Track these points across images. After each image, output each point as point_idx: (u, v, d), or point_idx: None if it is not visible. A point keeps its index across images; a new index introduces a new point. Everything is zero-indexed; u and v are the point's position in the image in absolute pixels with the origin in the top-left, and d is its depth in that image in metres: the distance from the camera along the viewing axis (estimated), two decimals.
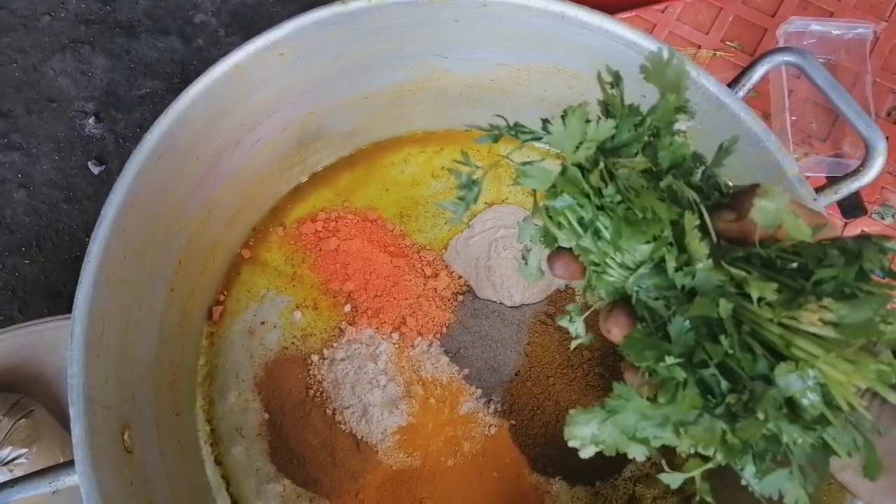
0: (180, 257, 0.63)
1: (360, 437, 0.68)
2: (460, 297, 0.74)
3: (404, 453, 0.68)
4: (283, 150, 0.69)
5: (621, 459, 0.69)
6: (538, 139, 0.35)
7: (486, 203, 0.77)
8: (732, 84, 0.54)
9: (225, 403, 0.71)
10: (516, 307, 0.73)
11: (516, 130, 0.36)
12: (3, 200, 1.04)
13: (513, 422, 0.70)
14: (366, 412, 0.68)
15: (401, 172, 0.77)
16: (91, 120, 1.06)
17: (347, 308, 0.73)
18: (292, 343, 0.72)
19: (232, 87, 0.56)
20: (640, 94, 0.61)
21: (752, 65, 0.54)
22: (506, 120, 0.38)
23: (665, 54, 0.38)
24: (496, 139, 0.37)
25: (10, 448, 0.65)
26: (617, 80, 0.35)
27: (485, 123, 0.77)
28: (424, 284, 0.73)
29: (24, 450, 0.66)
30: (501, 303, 0.73)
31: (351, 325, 0.72)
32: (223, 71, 0.55)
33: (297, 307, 0.73)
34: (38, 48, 1.09)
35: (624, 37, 0.56)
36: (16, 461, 0.65)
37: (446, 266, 0.74)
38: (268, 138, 0.66)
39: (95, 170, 1.04)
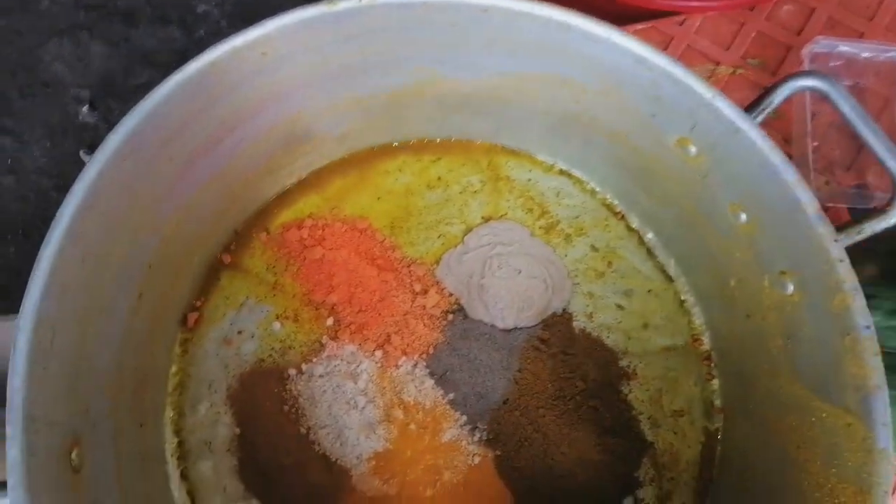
0: (150, 261, 0.59)
1: (333, 459, 0.64)
2: (450, 317, 0.69)
3: (380, 480, 0.64)
4: (269, 152, 0.66)
5: (612, 497, 0.65)
6: None
7: (482, 218, 0.73)
8: (751, 108, 0.50)
9: (195, 415, 0.67)
10: (509, 330, 0.69)
11: None
12: None
13: (498, 452, 0.65)
14: (341, 434, 0.64)
15: (395, 181, 0.73)
16: (85, 108, 1.03)
17: (330, 321, 0.69)
18: (269, 355, 0.68)
19: (209, 86, 0.53)
20: (651, 112, 0.57)
21: (772, 88, 0.49)
22: None
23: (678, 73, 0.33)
24: None
25: None
26: None
27: (485, 133, 0.73)
28: (413, 301, 0.69)
29: None
30: (493, 325, 0.69)
31: (332, 339, 0.68)
32: (198, 69, 0.51)
33: (277, 317, 0.69)
34: (35, 31, 1.06)
35: (633, 52, 0.51)
36: None
37: (437, 282, 0.70)
38: (252, 138, 0.62)
39: (87, 158, 1.00)
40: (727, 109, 0.49)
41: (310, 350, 0.68)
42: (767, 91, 0.49)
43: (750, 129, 0.48)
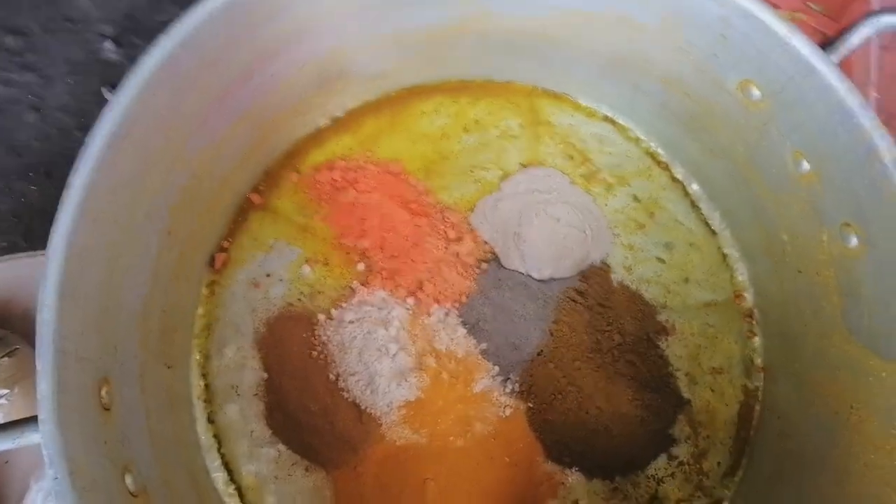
0: (181, 197, 0.57)
1: (363, 407, 0.63)
2: (484, 265, 0.67)
3: (410, 429, 0.63)
4: (301, 90, 0.63)
5: (646, 454, 0.63)
6: None
7: (520, 164, 0.70)
8: (826, 48, 0.46)
9: (222, 359, 0.65)
10: (545, 281, 0.67)
11: None
12: (14, 123, 0.99)
13: (530, 404, 0.64)
14: (372, 381, 0.63)
15: (430, 123, 0.71)
16: (109, 44, 1.00)
17: (361, 266, 0.67)
18: (298, 300, 0.67)
19: (246, 11, 0.50)
20: (713, 52, 0.54)
21: (851, 27, 0.46)
22: None
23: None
24: None
25: None
26: None
27: (527, 75, 0.70)
28: (446, 248, 0.67)
29: (5, 391, 0.61)
30: (529, 275, 0.67)
31: (363, 285, 0.66)
32: None
33: (307, 261, 0.67)
34: None
35: None
36: None
37: (471, 230, 0.68)
38: (284, 74, 0.59)
39: (109, 96, 0.98)
40: (804, 48, 0.45)
41: (339, 295, 0.67)
42: (846, 30, 0.46)
43: (827, 70, 0.45)
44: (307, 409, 0.64)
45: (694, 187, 0.69)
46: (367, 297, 0.66)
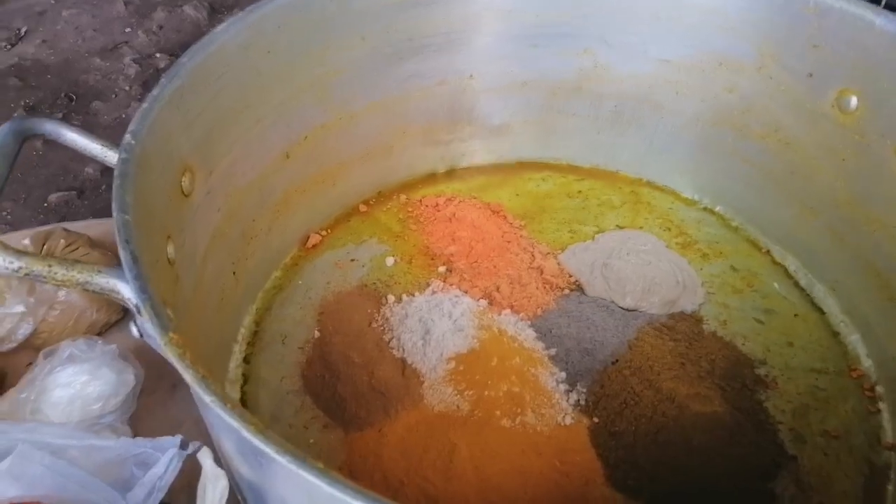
0: (308, 134, 0.64)
1: (409, 361, 0.56)
2: (566, 291, 0.64)
3: (454, 389, 0.54)
4: (434, 111, 0.72)
5: (739, 492, 0.49)
6: None
7: (617, 226, 0.71)
8: None
9: (282, 310, 0.63)
10: (629, 310, 0.62)
11: None
12: None
13: (596, 419, 0.54)
14: (427, 334, 0.57)
15: (536, 186, 0.76)
16: None
17: (443, 269, 0.66)
18: (374, 283, 0.66)
19: None
20: (808, 72, 0.59)
21: None
22: None
23: None
24: None
25: None
26: None
27: (632, 161, 0.76)
28: (531, 262, 0.66)
29: None
30: (613, 301, 0.63)
31: (441, 281, 0.65)
32: None
33: (392, 256, 0.68)
34: None
35: None
36: None
37: (559, 262, 0.67)
38: (422, 79, 0.69)
39: None
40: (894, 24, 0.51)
41: (415, 287, 0.65)
42: None
43: None
44: (349, 360, 0.58)
45: (795, 266, 0.66)
46: (441, 292, 0.64)
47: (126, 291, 0.38)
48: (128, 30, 1.34)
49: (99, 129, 1.12)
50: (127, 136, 0.43)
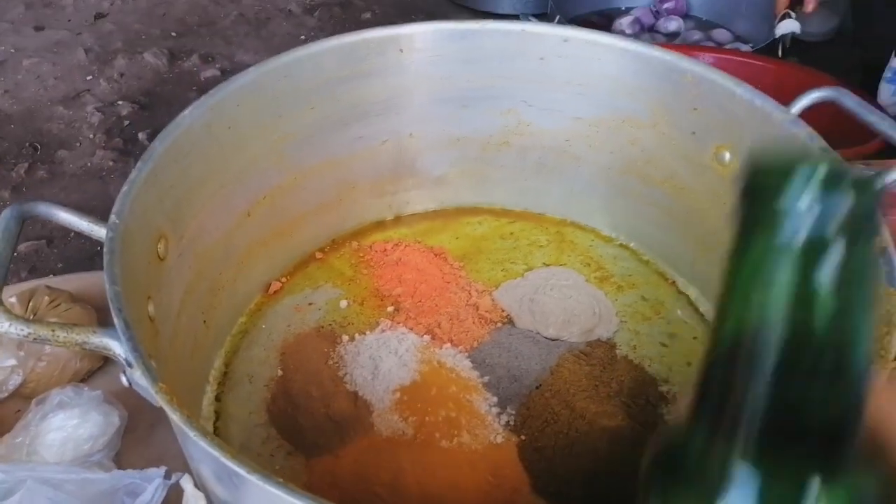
0: (268, 193, 0.73)
1: (360, 394, 0.65)
2: (499, 325, 0.74)
3: (399, 416, 0.63)
4: (379, 167, 0.81)
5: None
6: None
7: (543, 263, 0.81)
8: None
9: (248, 352, 0.72)
10: (552, 339, 0.72)
11: None
12: None
13: (523, 437, 0.63)
14: (376, 369, 0.66)
15: (473, 230, 0.85)
16: None
17: (391, 309, 0.75)
18: (329, 324, 0.74)
19: (356, 59, 0.72)
20: (691, 130, 0.70)
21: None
22: None
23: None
24: None
25: (53, 321, 0.69)
26: None
27: (557, 205, 0.86)
28: (468, 300, 0.75)
29: None
30: (537, 331, 0.72)
31: (389, 320, 0.74)
32: (353, 40, 0.71)
33: (346, 299, 0.77)
34: None
35: (676, 64, 0.67)
36: None
37: (493, 299, 0.76)
38: (368, 140, 0.78)
39: None
40: (757, 99, 0.62)
41: (366, 326, 0.74)
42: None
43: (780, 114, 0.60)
44: (309, 394, 0.66)
45: (695, 295, 0.76)
46: (389, 330, 0.72)
47: (118, 349, 0.46)
48: (89, 77, 1.40)
49: (65, 178, 1.18)
50: (112, 217, 0.51)
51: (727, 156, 0.67)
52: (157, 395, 0.41)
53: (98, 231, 0.53)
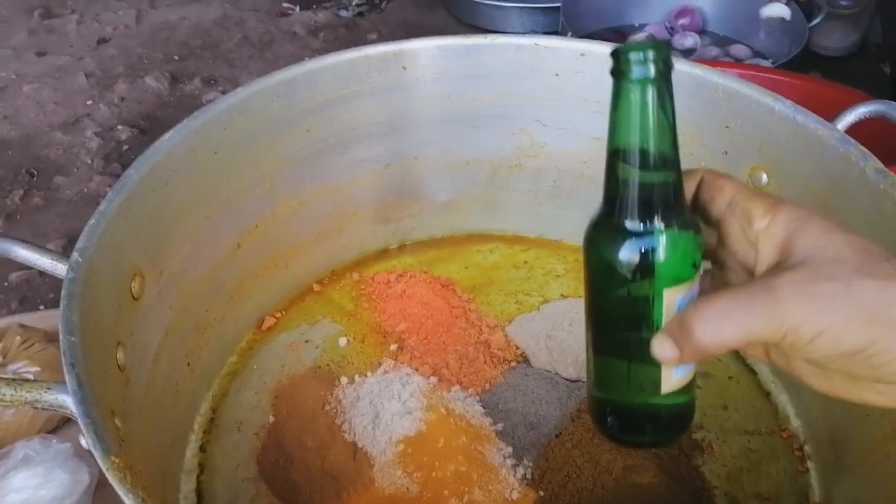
0: (257, 222, 0.67)
1: (360, 445, 0.58)
2: (513, 364, 0.67)
3: (403, 471, 0.56)
4: (382, 192, 0.76)
5: None
6: None
7: (561, 294, 0.74)
8: None
9: (238, 395, 0.65)
10: (572, 381, 0.65)
11: None
12: None
13: (541, 493, 0.56)
14: (376, 418, 0.59)
15: (484, 258, 0.79)
16: None
17: (394, 347, 0.69)
18: (328, 364, 0.68)
19: (356, 77, 0.67)
20: (723, 150, 0.64)
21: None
22: None
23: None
24: None
25: (24, 363, 0.63)
26: None
27: (575, 231, 0.80)
28: (478, 337, 0.69)
29: (35, 369, 0.63)
30: (556, 372, 0.65)
31: (392, 359, 0.67)
32: (351, 57, 0.66)
33: (345, 336, 0.70)
34: None
35: (710, 79, 0.61)
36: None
37: (506, 335, 0.70)
38: (370, 163, 0.73)
39: None
40: (797, 114, 0.56)
41: (367, 367, 0.67)
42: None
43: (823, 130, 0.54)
44: (303, 444, 0.60)
45: None
46: (392, 371, 0.66)
47: (74, 405, 0.40)
48: (89, 102, 1.36)
49: (62, 204, 1.14)
50: (74, 255, 0.46)
51: (764, 178, 0.60)
52: (107, 473, 0.35)
53: (62, 269, 0.48)
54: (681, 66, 0.63)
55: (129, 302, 0.51)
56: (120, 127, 1.29)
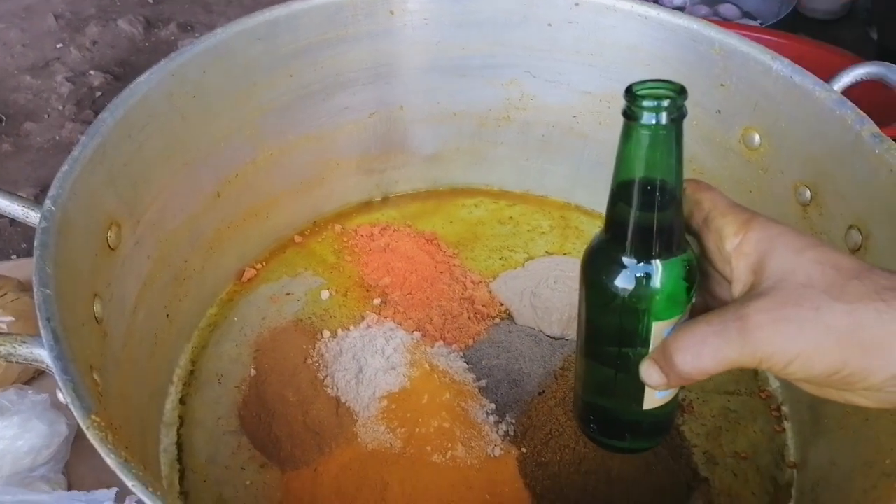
0: (238, 171, 0.65)
1: (343, 400, 0.58)
2: (497, 320, 0.67)
3: (386, 427, 0.56)
4: (366, 142, 0.73)
5: None
6: None
7: (546, 252, 0.74)
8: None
9: (218, 347, 0.64)
10: (556, 338, 0.65)
11: None
12: None
13: (524, 450, 0.57)
14: (360, 373, 0.59)
15: (469, 213, 0.78)
16: None
17: (377, 301, 0.68)
18: (309, 318, 0.67)
19: (341, 20, 0.64)
20: (716, 109, 0.62)
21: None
22: None
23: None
24: None
25: None
26: None
27: (562, 186, 0.78)
28: (462, 292, 0.68)
29: (9, 318, 0.61)
30: (540, 329, 0.65)
31: (376, 314, 0.66)
32: (335, 1, 0.63)
33: (327, 289, 0.69)
34: None
35: (707, 35, 0.59)
36: None
37: (490, 291, 0.69)
38: (353, 112, 0.70)
39: None
40: (794, 73, 0.54)
41: (350, 321, 0.67)
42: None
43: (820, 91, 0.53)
44: (285, 399, 0.59)
45: None
46: (375, 325, 0.65)
47: (51, 361, 0.39)
48: (59, 45, 1.31)
49: (32, 151, 1.10)
50: (47, 203, 0.44)
51: (756, 138, 0.60)
52: (87, 432, 0.34)
53: (35, 217, 0.46)
54: (677, 21, 0.62)
55: (106, 252, 0.49)
56: (92, 72, 1.24)
